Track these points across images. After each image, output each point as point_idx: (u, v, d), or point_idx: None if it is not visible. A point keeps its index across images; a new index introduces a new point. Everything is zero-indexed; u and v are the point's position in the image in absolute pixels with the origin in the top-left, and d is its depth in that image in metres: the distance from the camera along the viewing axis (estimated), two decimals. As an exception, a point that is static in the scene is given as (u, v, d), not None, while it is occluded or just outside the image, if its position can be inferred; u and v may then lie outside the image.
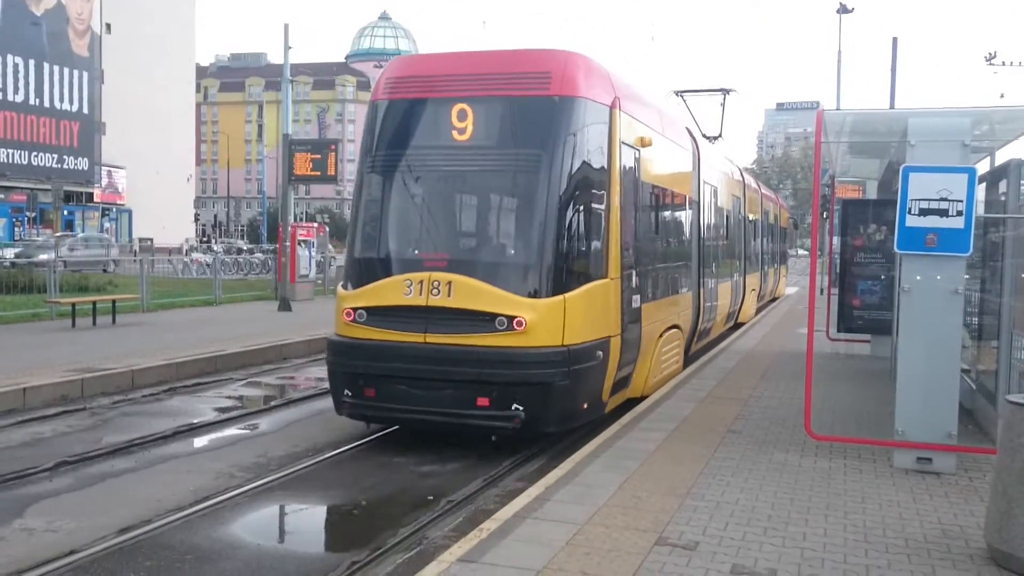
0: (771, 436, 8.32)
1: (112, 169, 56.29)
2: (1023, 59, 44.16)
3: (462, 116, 8.42)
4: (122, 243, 53.29)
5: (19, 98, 48.31)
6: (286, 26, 24.96)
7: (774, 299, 28.10)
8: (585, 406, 8.41)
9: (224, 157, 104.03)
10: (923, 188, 7.13)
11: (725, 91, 19.48)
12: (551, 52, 8.75)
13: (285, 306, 20.15)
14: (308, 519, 6.71)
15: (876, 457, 7.58)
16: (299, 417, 9.92)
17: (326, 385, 11.54)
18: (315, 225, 27.96)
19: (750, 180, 22.23)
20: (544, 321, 7.89)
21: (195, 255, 35.42)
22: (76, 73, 52.07)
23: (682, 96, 17.81)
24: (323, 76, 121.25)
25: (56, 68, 50.61)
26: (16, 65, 48.04)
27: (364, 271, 8.60)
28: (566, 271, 8.21)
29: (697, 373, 12.26)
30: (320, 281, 25.99)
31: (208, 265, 30.69)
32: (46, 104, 50.07)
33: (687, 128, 13.63)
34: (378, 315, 8.13)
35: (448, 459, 8.12)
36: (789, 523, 5.73)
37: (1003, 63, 44.47)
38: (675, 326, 11.84)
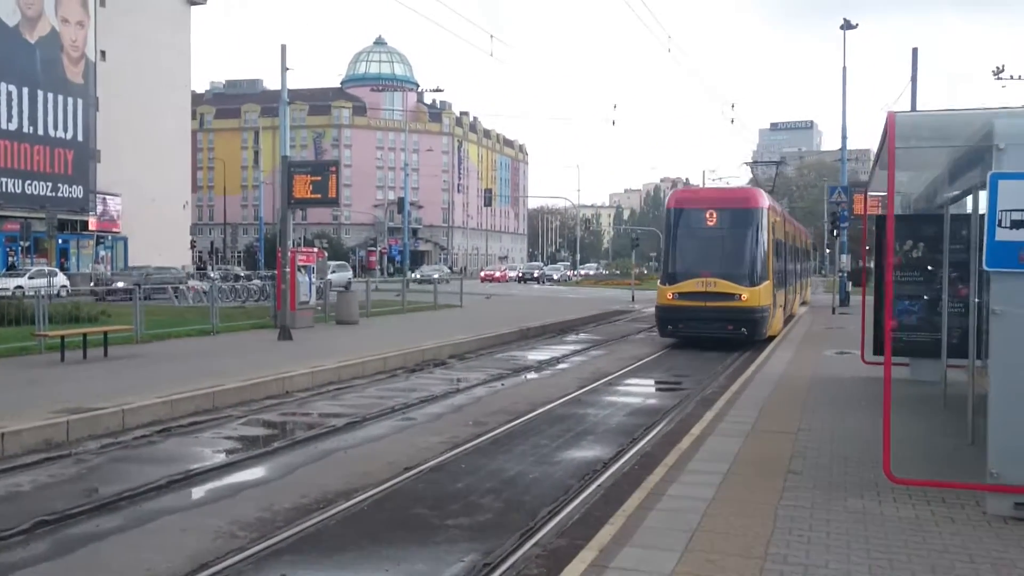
0: (836, 478, 7.42)
1: (107, 197, 55.39)
2: (1031, 72, 43.69)
3: (711, 215, 20.33)
4: (118, 272, 52.41)
5: (12, 126, 47.53)
6: (283, 46, 24.26)
7: (804, 303, 36.54)
8: (764, 331, 19.97)
9: (220, 184, 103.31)
10: (1016, 197, 6.30)
11: (778, 163, 38.32)
12: (749, 189, 22.96)
13: (286, 335, 19.24)
14: (322, 588, 5.80)
15: (964, 502, 6.69)
16: (306, 460, 9.00)
17: (333, 422, 10.77)
18: (315, 250, 27.09)
19: (794, 220, 32.17)
20: (752, 296, 19.44)
21: (191, 283, 34.49)
22: (71, 100, 51.30)
23: (750, 165, 30.89)
24: (319, 101, 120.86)
25: (50, 95, 49.86)
26: (10, 93, 47.30)
27: (674, 277, 20.39)
28: (757, 276, 19.82)
29: (734, 403, 11.37)
30: (320, 307, 25.05)
31: (205, 293, 29.81)
32: (40, 132, 49.27)
33: (779, 205, 25.88)
34: (684, 295, 19.77)
35: (482, 514, 7.23)
36: (896, 593, 4.84)
37: (1011, 76, 43.89)
38: (781, 306, 23.06)
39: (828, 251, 69.67)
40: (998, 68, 50.24)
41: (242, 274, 50.29)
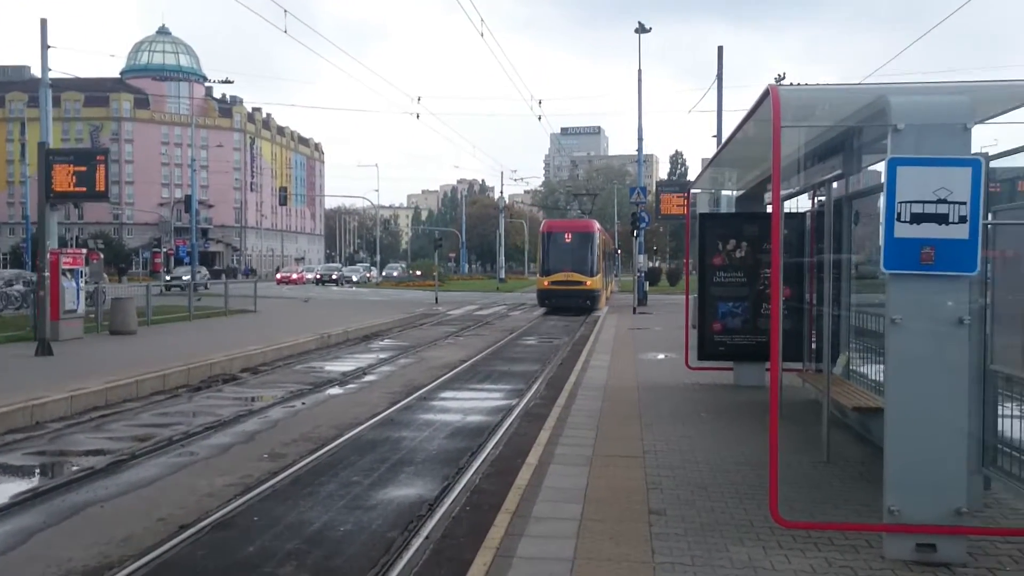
0: (705, 517, 6.34)
1: None
2: (808, 81, 46.20)
3: (568, 235, 35.83)
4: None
5: None
6: (43, 20, 21.52)
7: (612, 291, 45.67)
8: (599, 305, 34.65)
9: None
10: (916, 186, 5.40)
11: (593, 195, 58.48)
12: (589, 220, 39.44)
13: (45, 349, 16.59)
14: None
15: (854, 543, 5.77)
16: (48, 521, 7.02)
17: (92, 463, 8.76)
18: (84, 251, 23.99)
19: (605, 233, 43.07)
20: (592, 283, 34.40)
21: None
22: None
23: (577, 197, 52.65)
24: (96, 92, 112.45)
25: None
26: None
27: (548, 272, 35.06)
28: (594, 271, 34.67)
29: (565, 419, 10.23)
30: (93, 316, 22.17)
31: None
32: None
33: (601, 227, 39.80)
34: (554, 283, 34.54)
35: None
36: None
37: (791, 84, 46.21)
38: (606, 289, 39.22)
39: (619, 252, 70.76)
40: (779, 76, 52.75)
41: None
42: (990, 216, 6.00)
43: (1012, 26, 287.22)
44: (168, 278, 52.30)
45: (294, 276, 77.00)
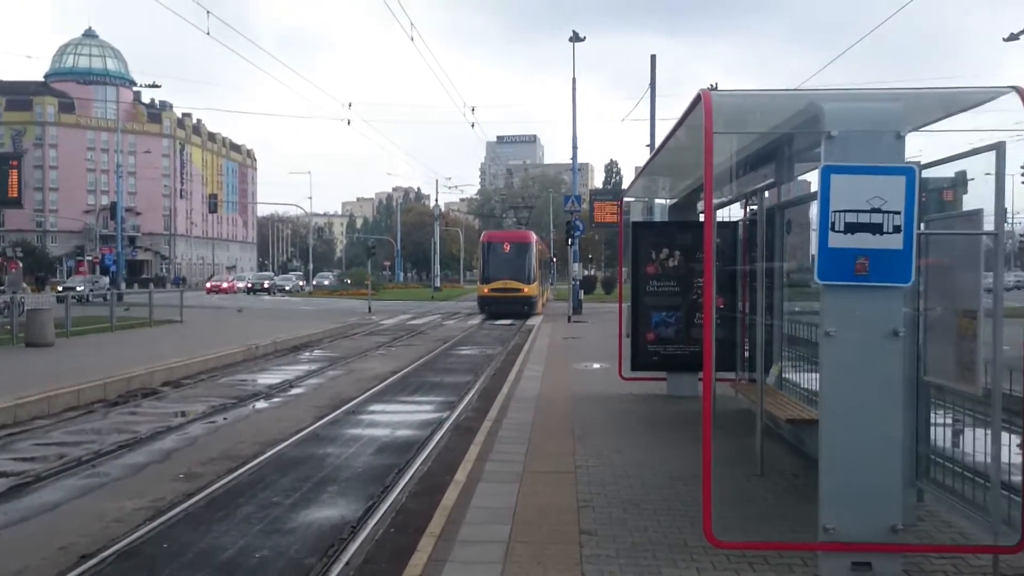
0: (637, 536, 6.13)
1: None
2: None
3: (506, 245, 38.95)
4: None
5: None
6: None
7: (547, 300, 48.24)
8: (536, 311, 37.51)
9: None
10: (850, 195, 5.25)
11: (529, 207, 67.45)
12: (526, 231, 44.17)
13: (-47, 364, 15.82)
14: None
15: (789, 562, 5.59)
16: (-62, 552, 6.54)
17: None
18: (-1, 260, 23.02)
19: (541, 243, 45.71)
20: (530, 290, 37.55)
21: None
22: None
23: (514, 209, 68.02)
24: (19, 96, 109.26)
25: None
26: None
27: (488, 280, 38.03)
28: (531, 279, 37.92)
29: (496, 433, 9.97)
30: (8, 327, 21.25)
31: None
32: None
33: (538, 237, 43.49)
34: (493, 290, 37.50)
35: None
36: None
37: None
38: (542, 296, 42.19)
39: (555, 260, 70.95)
40: (713, 85, 53.81)
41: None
42: (922, 226, 5.89)
43: (932, 43, 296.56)
44: (60, 289, 44.88)
45: (224, 285, 75.48)
